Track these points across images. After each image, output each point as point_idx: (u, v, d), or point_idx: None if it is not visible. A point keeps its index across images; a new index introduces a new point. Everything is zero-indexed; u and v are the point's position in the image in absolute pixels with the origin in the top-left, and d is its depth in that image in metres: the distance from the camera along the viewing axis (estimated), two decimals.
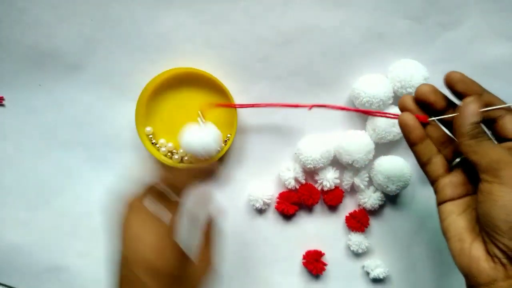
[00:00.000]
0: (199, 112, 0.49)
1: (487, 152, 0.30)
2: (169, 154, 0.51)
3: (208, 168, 0.48)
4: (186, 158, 0.51)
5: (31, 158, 0.54)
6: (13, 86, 0.52)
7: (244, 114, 0.51)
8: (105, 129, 0.52)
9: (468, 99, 0.32)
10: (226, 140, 0.50)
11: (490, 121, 0.34)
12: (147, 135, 0.51)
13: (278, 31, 0.49)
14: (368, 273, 0.53)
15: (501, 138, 0.33)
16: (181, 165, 0.51)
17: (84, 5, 0.49)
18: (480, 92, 0.33)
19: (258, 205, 0.51)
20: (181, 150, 0.51)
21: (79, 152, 0.53)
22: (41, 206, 0.55)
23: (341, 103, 0.51)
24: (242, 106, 0.48)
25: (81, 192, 0.54)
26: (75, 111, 0.52)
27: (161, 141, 0.51)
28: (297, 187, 0.51)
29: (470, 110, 0.31)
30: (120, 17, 0.49)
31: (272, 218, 0.53)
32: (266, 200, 0.51)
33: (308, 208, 0.53)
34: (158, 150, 0.51)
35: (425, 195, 0.53)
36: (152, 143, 0.51)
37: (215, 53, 0.50)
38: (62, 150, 0.53)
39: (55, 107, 0.52)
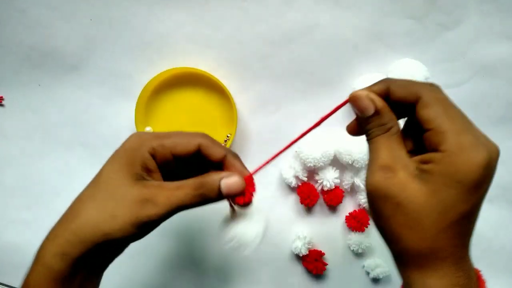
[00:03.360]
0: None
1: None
2: None
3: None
4: None
5: (31, 158, 0.54)
6: (12, 86, 0.52)
7: (244, 114, 0.51)
8: (105, 129, 0.52)
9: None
10: (226, 140, 0.50)
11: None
12: None
13: (278, 31, 0.49)
14: (368, 273, 0.53)
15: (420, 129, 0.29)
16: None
17: (84, 5, 0.49)
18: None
19: None
20: None
21: (79, 152, 0.53)
22: (41, 206, 0.54)
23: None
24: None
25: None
26: (75, 111, 0.52)
27: None
28: (299, 184, 0.51)
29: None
30: (120, 17, 0.49)
31: (272, 219, 0.53)
32: None
33: (308, 208, 0.53)
34: None
35: None
36: None
37: (215, 53, 0.50)
38: (62, 150, 0.53)
39: (55, 107, 0.52)
